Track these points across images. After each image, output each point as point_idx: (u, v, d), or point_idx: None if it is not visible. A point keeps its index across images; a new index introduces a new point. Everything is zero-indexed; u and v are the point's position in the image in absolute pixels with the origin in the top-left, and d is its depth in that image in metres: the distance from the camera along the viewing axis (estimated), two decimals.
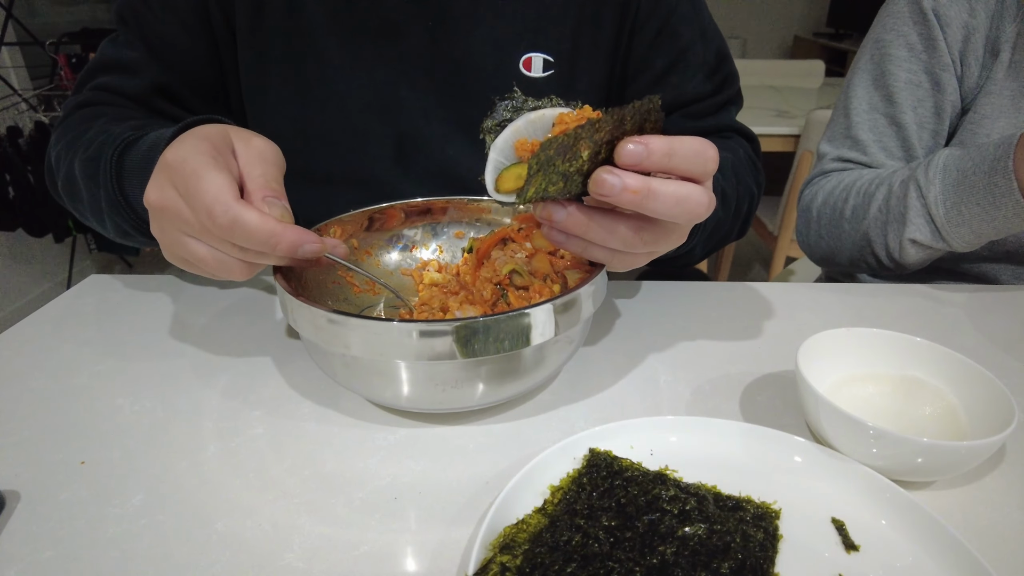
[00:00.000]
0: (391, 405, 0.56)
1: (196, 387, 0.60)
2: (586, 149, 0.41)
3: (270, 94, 0.77)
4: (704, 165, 0.43)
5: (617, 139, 0.42)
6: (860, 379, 0.56)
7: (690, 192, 0.43)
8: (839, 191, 0.91)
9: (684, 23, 0.78)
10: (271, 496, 0.48)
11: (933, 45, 0.86)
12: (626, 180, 0.41)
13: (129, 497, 0.48)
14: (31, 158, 2.41)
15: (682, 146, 0.42)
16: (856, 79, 0.95)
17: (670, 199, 0.42)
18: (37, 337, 0.69)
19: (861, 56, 0.95)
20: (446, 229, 0.72)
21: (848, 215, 0.89)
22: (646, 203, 0.42)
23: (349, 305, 0.64)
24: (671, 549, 0.40)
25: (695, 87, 0.80)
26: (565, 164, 0.42)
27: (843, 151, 0.95)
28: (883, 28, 0.91)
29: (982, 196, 0.73)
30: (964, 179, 0.75)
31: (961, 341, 0.68)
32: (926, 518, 0.42)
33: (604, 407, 0.58)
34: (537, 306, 0.47)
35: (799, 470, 0.48)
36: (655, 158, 0.41)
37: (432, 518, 0.46)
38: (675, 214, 0.43)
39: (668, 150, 0.41)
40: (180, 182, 0.45)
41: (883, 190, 0.84)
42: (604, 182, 0.41)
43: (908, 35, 0.88)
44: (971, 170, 0.74)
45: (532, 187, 0.43)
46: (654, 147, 0.41)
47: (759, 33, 5.10)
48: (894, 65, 0.90)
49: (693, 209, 0.43)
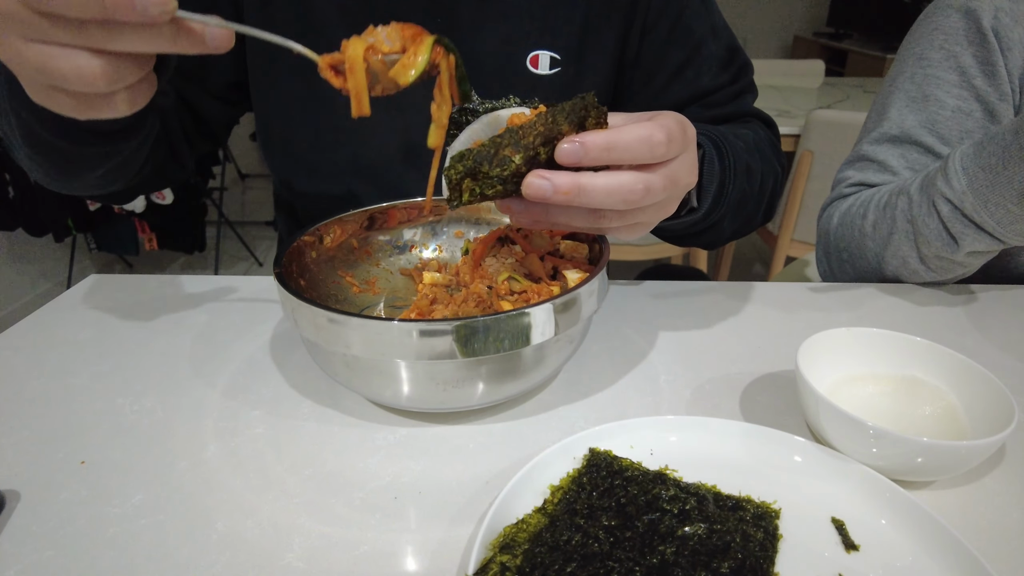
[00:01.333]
0: (391, 404, 0.56)
1: (196, 387, 0.60)
2: (516, 154, 0.43)
3: (279, 90, 0.78)
4: (651, 151, 0.43)
5: (558, 139, 0.43)
6: (860, 379, 0.56)
7: (622, 181, 0.43)
8: (856, 208, 0.82)
9: (696, 19, 0.78)
10: (271, 496, 0.48)
11: (992, 71, 0.75)
12: (555, 181, 0.42)
13: (129, 497, 0.48)
14: None
15: (623, 137, 0.42)
16: (892, 99, 0.83)
17: (601, 192, 0.43)
18: (37, 337, 0.69)
19: (900, 72, 0.83)
20: (446, 229, 0.72)
21: (869, 231, 0.79)
22: (579, 200, 0.43)
23: (349, 305, 0.64)
24: (671, 549, 0.40)
25: (711, 80, 0.80)
26: (497, 169, 0.44)
27: (867, 176, 0.84)
28: (929, 44, 0.80)
29: (1022, 187, 0.63)
30: (995, 176, 0.65)
31: (961, 341, 0.68)
32: (926, 518, 0.42)
33: (604, 407, 0.58)
34: (537, 306, 0.47)
35: (799, 470, 0.48)
36: (594, 154, 0.42)
37: (432, 518, 0.46)
38: (613, 203, 0.44)
39: (606, 144, 0.42)
40: None
41: (902, 201, 0.75)
42: (534, 186, 0.43)
43: (961, 56, 0.77)
44: (997, 165, 0.64)
45: (465, 194, 0.45)
46: (591, 143, 0.42)
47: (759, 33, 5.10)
48: (941, 90, 0.78)
49: (627, 196, 0.44)
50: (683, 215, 0.63)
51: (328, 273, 0.64)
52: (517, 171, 0.44)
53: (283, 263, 0.56)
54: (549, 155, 0.44)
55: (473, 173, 0.44)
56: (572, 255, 0.62)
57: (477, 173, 0.44)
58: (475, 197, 0.45)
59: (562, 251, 0.62)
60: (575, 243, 0.62)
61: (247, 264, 3.27)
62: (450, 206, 0.46)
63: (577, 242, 0.62)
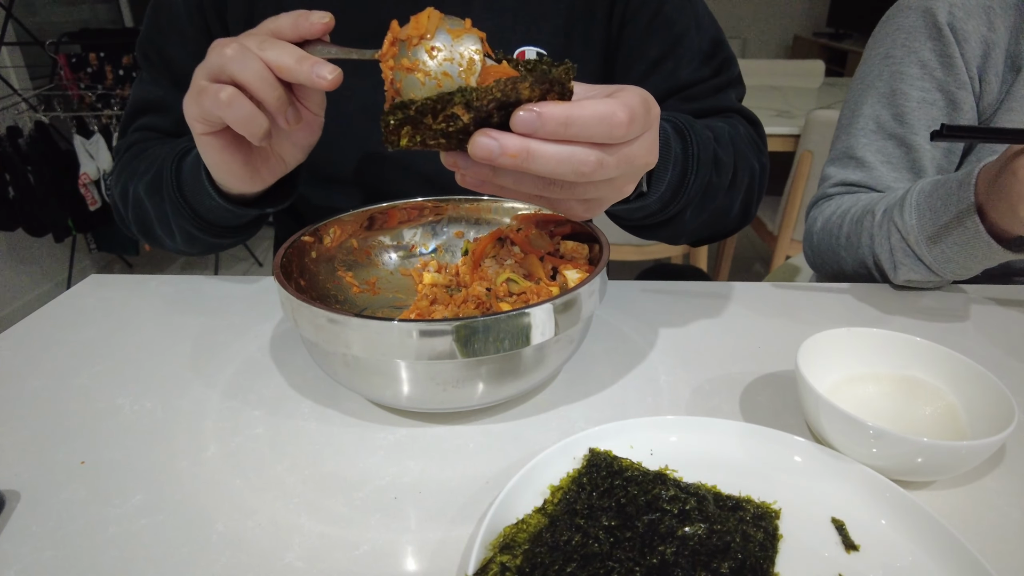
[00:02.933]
0: (391, 405, 0.56)
1: (196, 387, 0.60)
2: (466, 113, 0.40)
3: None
4: (610, 131, 0.41)
5: (515, 106, 0.40)
6: (860, 379, 0.56)
7: (574, 151, 0.41)
8: (835, 217, 0.87)
9: (677, 11, 0.77)
10: (271, 496, 0.48)
11: (950, 62, 0.81)
12: (504, 142, 0.40)
13: (129, 497, 0.48)
14: (31, 158, 2.41)
15: (582, 112, 0.40)
16: (863, 97, 0.89)
17: (551, 160, 0.41)
18: (37, 337, 0.69)
19: (868, 72, 0.89)
20: (446, 229, 0.72)
21: (843, 242, 0.85)
22: (527, 165, 0.41)
23: (349, 305, 0.64)
24: (671, 549, 0.40)
25: (691, 73, 0.78)
26: (440, 124, 0.41)
27: (847, 173, 0.90)
28: (893, 43, 0.86)
29: (958, 236, 0.69)
30: (937, 219, 0.71)
31: (961, 341, 0.68)
32: (926, 518, 0.42)
33: (604, 407, 0.58)
34: (537, 306, 0.47)
35: (799, 470, 0.48)
36: (550, 126, 0.40)
37: (432, 518, 0.46)
38: (563, 172, 0.41)
39: (564, 118, 0.40)
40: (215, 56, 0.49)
41: (868, 220, 0.80)
42: (480, 145, 0.40)
43: (920, 51, 0.83)
44: (941, 210, 0.70)
45: (403, 138, 0.43)
46: (548, 115, 0.40)
47: (759, 33, 5.11)
48: (906, 84, 0.84)
49: (578, 167, 0.41)
50: (632, 200, 0.59)
51: (328, 273, 0.64)
52: (465, 128, 0.41)
53: (283, 263, 0.56)
54: (502, 120, 0.41)
55: (414, 123, 0.42)
56: (572, 255, 0.62)
57: (419, 123, 0.42)
58: (414, 143, 0.43)
59: (562, 252, 0.62)
60: (575, 243, 0.62)
61: (247, 264, 3.27)
62: (388, 146, 0.43)
63: (577, 242, 0.62)
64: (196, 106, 0.50)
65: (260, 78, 0.48)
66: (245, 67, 0.47)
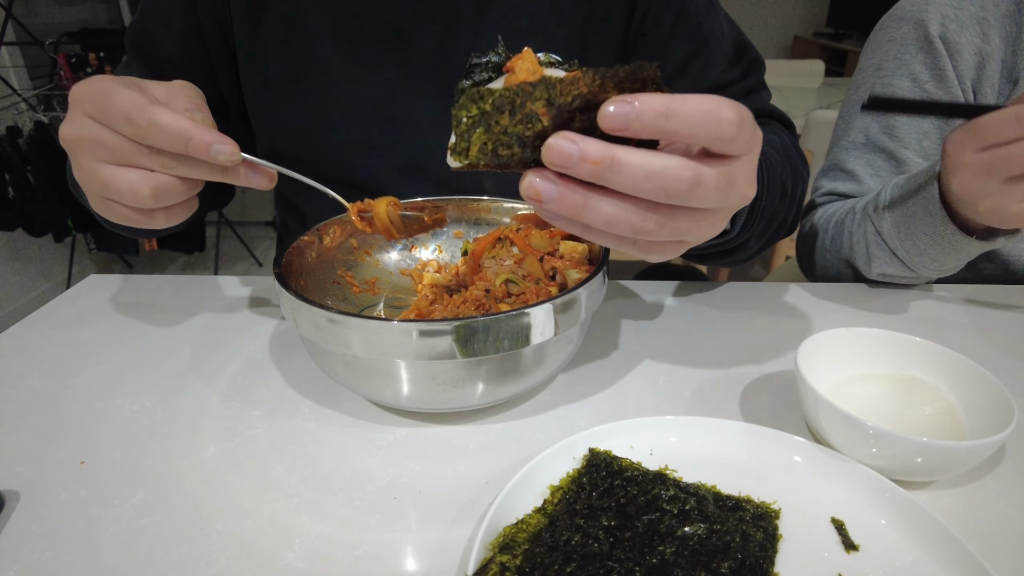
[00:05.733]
0: (391, 405, 0.56)
1: (196, 387, 0.60)
2: (547, 113, 0.35)
3: (274, 109, 0.77)
4: (717, 129, 0.34)
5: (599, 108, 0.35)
6: (860, 379, 0.56)
7: (666, 164, 0.35)
8: (822, 222, 0.87)
9: (702, 13, 0.76)
10: (271, 496, 0.48)
11: (941, 75, 0.80)
12: (584, 147, 0.34)
13: (129, 497, 0.48)
14: (31, 158, 2.41)
15: (684, 105, 0.33)
16: (854, 109, 0.88)
17: (638, 171, 0.34)
18: (37, 337, 0.69)
19: (861, 83, 0.89)
20: (446, 229, 0.72)
21: (828, 244, 0.85)
22: (610, 176, 0.34)
23: (349, 305, 0.64)
24: (671, 549, 0.40)
25: (719, 75, 0.76)
26: (517, 126, 0.36)
27: (836, 185, 0.89)
28: (884, 55, 0.84)
29: (926, 226, 0.69)
30: (907, 213, 0.71)
31: (960, 341, 0.68)
32: (926, 518, 0.42)
33: (604, 407, 0.58)
34: (537, 306, 0.47)
35: (799, 470, 0.48)
36: (646, 119, 0.33)
37: (432, 518, 0.46)
38: (649, 190, 0.35)
39: (664, 109, 0.33)
40: (92, 106, 0.47)
41: (848, 219, 0.80)
42: (557, 149, 0.34)
43: (911, 64, 0.81)
44: (910, 200, 0.70)
45: (474, 146, 0.37)
46: (646, 105, 0.33)
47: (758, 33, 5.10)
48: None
49: (670, 184, 0.35)
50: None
51: (328, 273, 0.64)
52: (542, 134, 0.35)
53: (283, 263, 0.56)
54: (585, 125, 0.35)
55: (488, 122, 0.36)
56: (572, 255, 0.62)
57: (493, 123, 0.36)
58: (484, 155, 0.37)
59: (562, 252, 0.62)
60: (575, 243, 0.62)
61: (247, 264, 3.26)
62: (450, 158, 0.38)
63: (577, 242, 0.62)
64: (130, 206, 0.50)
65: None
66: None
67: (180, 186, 0.49)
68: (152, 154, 0.47)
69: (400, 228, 0.59)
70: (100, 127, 0.47)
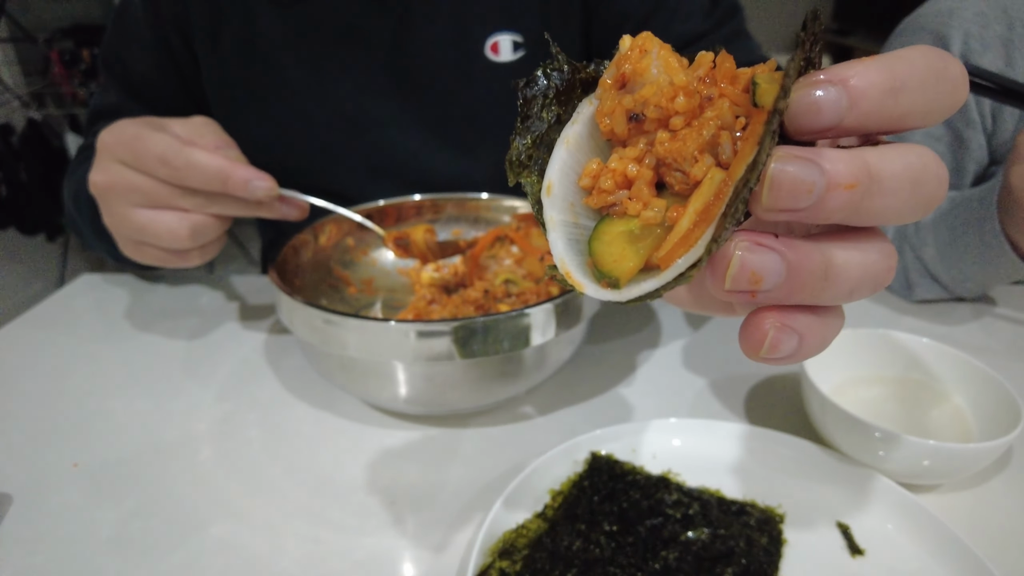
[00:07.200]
0: (388, 407, 0.56)
1: (190, 389, 0.59)
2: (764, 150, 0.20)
3: (235, 117, 0.75)
4: (953, 92, 0.22)
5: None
6: (865, 381, 0.55)
7: (926, 161, 0.22)
8: None
9: None
10: (265, 500, 0.47)
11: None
12: (826, 165, 0.20)
13: (122, 500, 0.47)
14: (23, 155, 2.39)
15: (905, 66, 0.21)
16: None
17: (905, 178, 0.21)
18: (29, 337, 0.68)
19: None
20: (445, 229, 0.71)
21: None
22: (869, 202, 0.21)
23: (345, 305, 0.64)
24: (674, 554, 0.40)
25: (688, 28, 0.71)
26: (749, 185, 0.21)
27: None
28: None
29: (979, 254, 0.67)
30: (956, 238, 0.68)
31: (967, 342, 0.67)
32: (932, 522, 0.41)
33: (605, 410, 0.57)
34: (537, 306, 0.46)
35: (804, 473, 0.47)
36: (868, 103, 0.21)
37: (430, 523, 0.45)
38: (914, 205, 0.22)
39: (890, 79, 0.21)
40: (124, 151, 0.47)
41: None
42: (789, 177, 0.20)
43: None
44: (960, 229, 0.68)
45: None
46: (864, 79, 0.20)
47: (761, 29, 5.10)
48: None
49: (934, 192, 0.22)
50: None
51: (324, 273, 0.64)
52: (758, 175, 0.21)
53: (278, 263, 0.55)
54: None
55: (736, 199, 0.21)
56: None
57: (737, 201, 0.21)
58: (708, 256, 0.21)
59: None
60: None
61: (241, 263, 3.25)
62: (662, 288, 0.23)
63: None
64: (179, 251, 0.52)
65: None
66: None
67: (215, 224, 0.51)
68: (186, 195, 0.48)
69: (436, 253, 0.61)
70: (133, 172, 0.47)
